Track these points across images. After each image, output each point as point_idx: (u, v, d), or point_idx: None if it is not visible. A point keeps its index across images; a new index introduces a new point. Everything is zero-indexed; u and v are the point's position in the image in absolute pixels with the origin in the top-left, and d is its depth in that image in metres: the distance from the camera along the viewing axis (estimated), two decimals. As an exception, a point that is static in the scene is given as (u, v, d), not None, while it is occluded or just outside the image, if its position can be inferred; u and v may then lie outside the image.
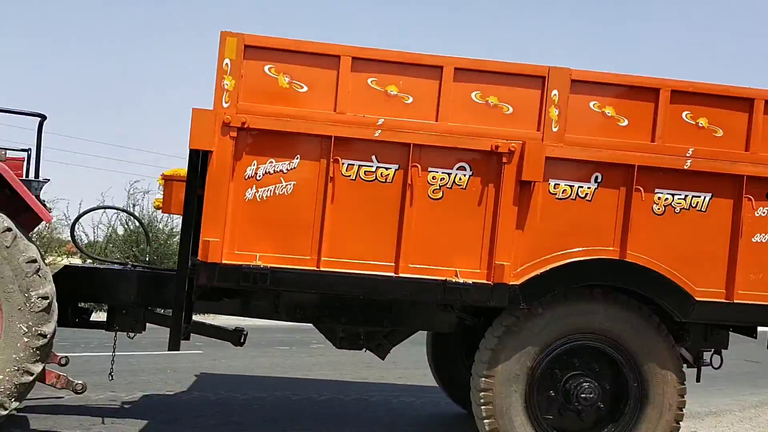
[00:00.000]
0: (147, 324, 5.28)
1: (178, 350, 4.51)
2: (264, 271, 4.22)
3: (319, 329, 5.17)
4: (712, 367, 5.50)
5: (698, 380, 5.75)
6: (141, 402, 6.26)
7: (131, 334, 5.40)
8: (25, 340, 4.34)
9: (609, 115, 4.51)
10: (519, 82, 4.45)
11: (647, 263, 4.50)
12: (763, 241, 4.60)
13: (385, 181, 4.37)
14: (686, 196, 4.55)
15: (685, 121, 4.55)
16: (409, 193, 4.36)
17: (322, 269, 4.31)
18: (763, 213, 4.60)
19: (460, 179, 4.41)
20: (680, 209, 4.55)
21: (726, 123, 4.58)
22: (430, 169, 4.39)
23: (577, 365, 4.70)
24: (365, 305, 4.93)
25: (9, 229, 4.31)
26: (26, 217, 4.71)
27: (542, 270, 4.44)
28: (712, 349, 5.48)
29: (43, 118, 4.99)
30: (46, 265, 4.60)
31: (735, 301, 4.56)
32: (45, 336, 4.39)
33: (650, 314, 4.61)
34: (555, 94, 4.42)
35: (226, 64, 4.23)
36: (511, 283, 4.39)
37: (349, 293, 4.46)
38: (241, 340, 5.54)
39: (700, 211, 4.56)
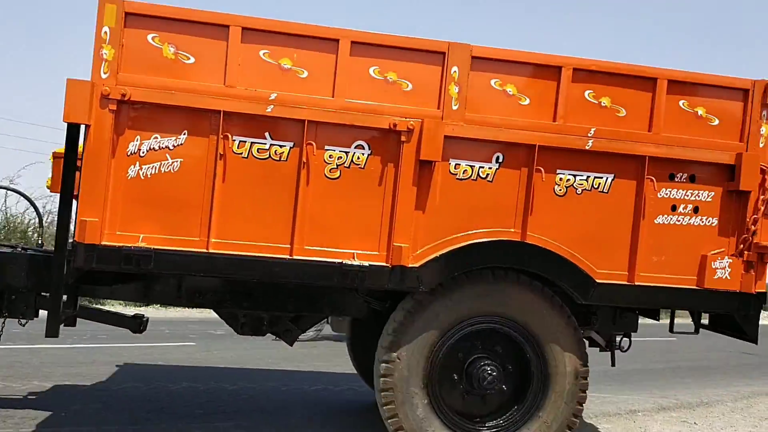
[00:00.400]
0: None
1: (57, 336, 4.24)
2: (147, 253, 3.99)
3: (219, 315, 4.95)
4: (620, 350, 5.52)
5: (613, 365, 5.78)
6: (129, 392, 6.11)
7: (23, 321, 5.09)
8: None
9: (510, 93, 4.40)
10: (419, 57, 4.30)
11: (548, 245, 4.43)
12: (666, 222, 4.57)
13: (280, 159, 4.18)
14: (588, 176, 4.48)
15: (588, 101, 4.48)
16: (305, 172, 4.18)
17: (211, 251, 4.10)
18: (666, 194, 4.57)
19: (358, 158, 4.25)
20: (582, 190, 4.48)
21: (629, 103, 4.52)
22: (326, 147, 4.22)
23: (480, 349, 4.62)
24: (268, 289, 4.73)
25: None
26: None
27: (441, 252, 4.32)
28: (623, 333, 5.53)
29: None
30: None
31: (636, 284, 4.52)
32: None
33: (552, 295, 4.55)
34: (455, 71, 4.29)
35: (105, 32, 3.95)
36: (409, 265, 4.26)
37: (241, 277, 4.25)
38: (141, 327, 5.27)
39: (602, 192, 4.50)
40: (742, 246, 4.59)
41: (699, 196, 4.61)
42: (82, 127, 4.00)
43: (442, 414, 4.54)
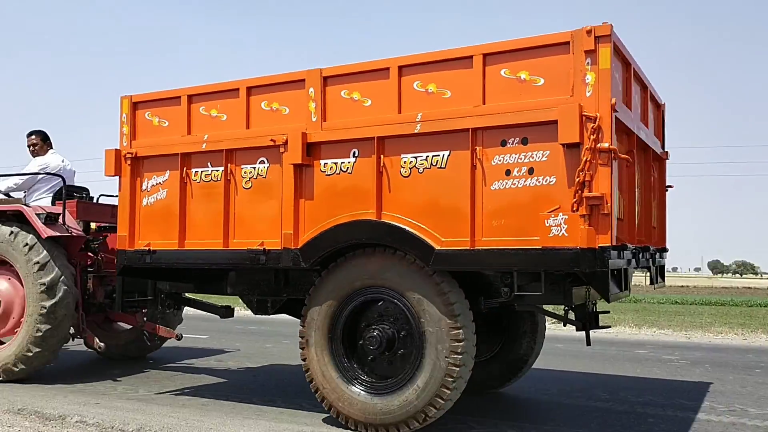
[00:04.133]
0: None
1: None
2: (146, 252, 6.15)
3: (243, 300, 6.71)
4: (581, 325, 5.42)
5: (588, 344, 5.62)
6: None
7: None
8: None
9: (356, 99, 5.29)
10: (289, 87, 5.58)
11: (398, 221, 5.05)
12: (502, 187, 4.71)
13: (217, 180, 5.92)
14: (427, 156, 4.99)
15: (417, 90, 5.04)
16: (231, 186, 5.83)
17: (183, 248, 6.03)
18: (500, 161, 4.73)
19: (261, 171, 5.70)
20: (423, 169, 5.00)
21: (453, 84, 4.91)
22: (243, 166, 5.79)
23: (369, 316, 5.37)
24: (269, 280, 6.34)
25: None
26: None
27: (315, 235, 5.38)
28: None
29: None
30: None
31: (476, 248, 4.75)
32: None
33: (415, 260, 5.06)
34: (312, 92, 5.43)
35: (124, 117, 6.38)
36: (293, 247, 5.45)
37: (197, 265, 6.04)
38: (227, 314, 7.34)
39: (441, 168, 4.94)
40: (574, 200, 4.42)
41: (533, 157, 4.62)
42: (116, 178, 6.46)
43: (353, 377, 5.39)
